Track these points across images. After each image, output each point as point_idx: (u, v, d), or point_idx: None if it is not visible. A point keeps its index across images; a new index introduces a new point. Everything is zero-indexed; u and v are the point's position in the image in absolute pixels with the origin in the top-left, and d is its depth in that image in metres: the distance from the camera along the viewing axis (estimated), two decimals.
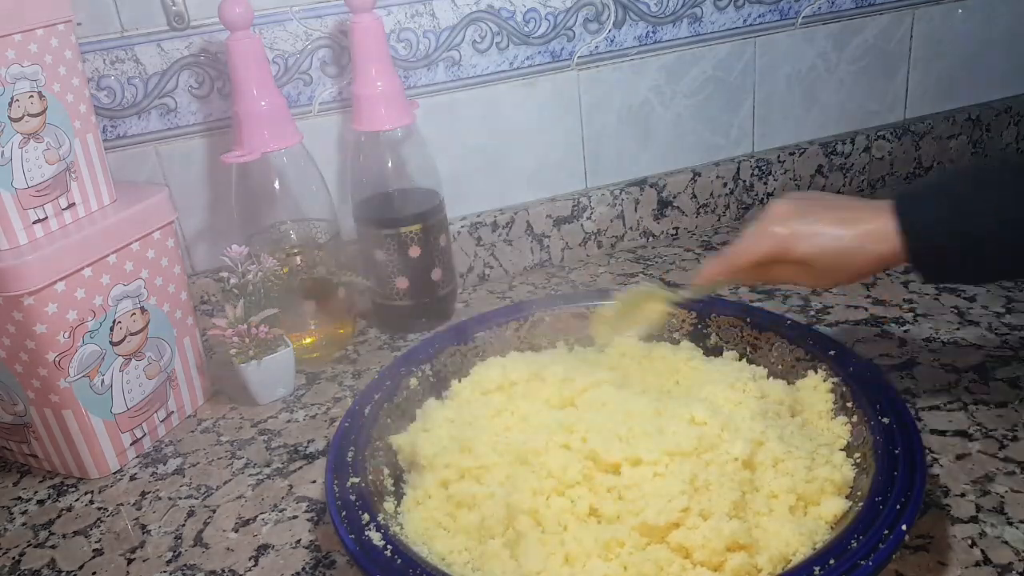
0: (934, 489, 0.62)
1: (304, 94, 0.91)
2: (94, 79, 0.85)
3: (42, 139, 0.69)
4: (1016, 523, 0.58)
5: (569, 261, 1.07)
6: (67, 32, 0.70)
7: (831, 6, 1.07)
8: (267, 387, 0.82)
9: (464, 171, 1.00)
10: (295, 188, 0.86)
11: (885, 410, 0.61)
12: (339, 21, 0.90)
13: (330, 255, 0.87)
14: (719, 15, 1.03)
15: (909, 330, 0.83)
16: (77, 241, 0.69)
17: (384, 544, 0.54)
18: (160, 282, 0.77)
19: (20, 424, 0.74)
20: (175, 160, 0.90)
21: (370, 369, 0.86)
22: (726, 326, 0.76)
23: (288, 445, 0.76)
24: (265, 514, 0.67)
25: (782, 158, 1.11)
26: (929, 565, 0.55)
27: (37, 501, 0.73)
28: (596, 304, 0.80)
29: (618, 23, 1.00)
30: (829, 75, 1.11)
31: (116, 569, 0.64)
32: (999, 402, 0.71)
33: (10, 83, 0.66)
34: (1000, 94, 1.21)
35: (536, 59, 0.98)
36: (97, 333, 0.71)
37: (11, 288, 0.65)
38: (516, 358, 0.72)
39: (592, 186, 1.06)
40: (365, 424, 0.66)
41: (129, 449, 0.76)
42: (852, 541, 0.50)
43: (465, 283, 1.03)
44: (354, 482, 0.60)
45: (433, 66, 0.94)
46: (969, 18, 1.15)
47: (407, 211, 0.88)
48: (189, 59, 0.87)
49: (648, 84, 1.03)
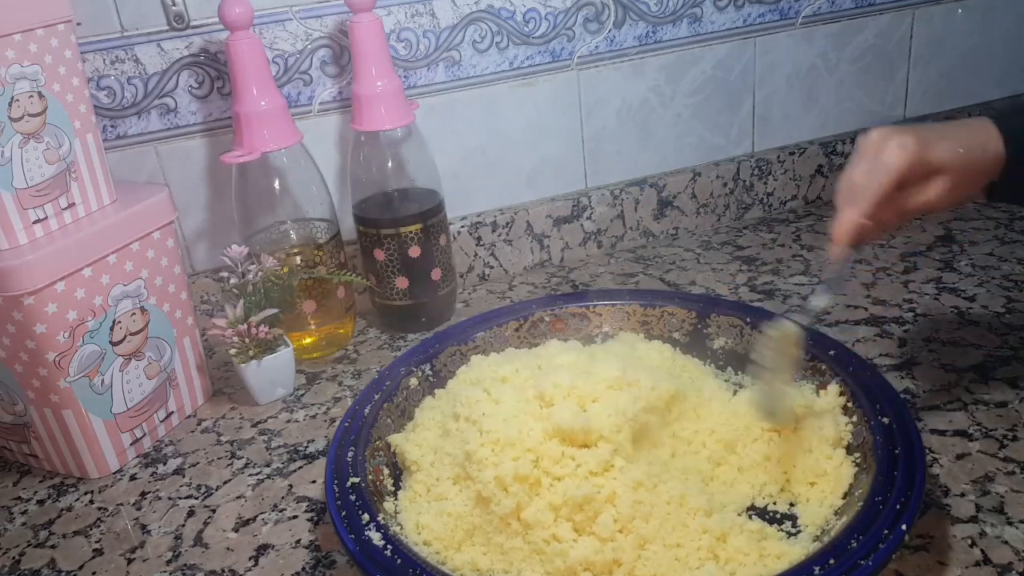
0: (934, 489, 0.62)
1: (304, 94, 0.91)
2: (94, 79, 0.84)
3: (42, 139, 0.69)
4: (1016, 523, 0.58)
5: (569, 261, 1.07)
6: (67, 32, 0.70)
7: (831, 6, 1.07)
8: (267, 387, 0.82)
9: (464, 171, 1.00)
10: (295, 188, 0.86)
11: (885, 410, 0.61)
12: (339, 21, 0.90)
13: (330, 255, 0.87)
14: (719, 15, 1.03)
15: (909, 330, 0.83)
16: (77, 241, 0.69)
17: (384, 544, 0.54)
18: (160, 282, 0.77)
19: (20, 424, 0.74)
20: (175, 160, 0.90)
21: (370, 369, 0.86)
22: (726, 326, 0.77)
23: (288, 445, 0.76)
24: (265, 514, 0.67)
25: (782, 158, 1.11)
26: (929, 565, 0.55)
27: (37, 501, 0.73)
28: (595, 304, 0.80)
29: (618, 23, 1.00)
30: (829, 75, 1.11)
31: (116, 569, 0.64)
32: (999, 402, 0.71)
33: (10, 83, 0.66)
34: (1000, 94, 1.21)
35: (536, 59, 0.98)
36: (97, 333, 0.71)
37: (11, 288, 0.65)
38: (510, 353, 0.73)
39: (592, 186, 1.06)
40: (365, 424, 0.66)
41: (129, 449, 0.76)
42: (852, 541, 0.50)
43: (465, 283, 1.03)
44: (354, 482, 0.60)
45: (433, 66, 0.94)
46: (969, 18, 1.15)
47: (407, 211, 0.88)
48: (189, 59, 0.87)
49: (648, 84, 1.03)
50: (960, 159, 0.57)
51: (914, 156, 0.56)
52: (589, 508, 0.55)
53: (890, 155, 0.56)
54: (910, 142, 0.56)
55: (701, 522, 0.56)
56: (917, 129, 0.57)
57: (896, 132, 0.57)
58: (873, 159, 0.57)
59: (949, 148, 0.57)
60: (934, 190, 0.57)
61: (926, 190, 0.58)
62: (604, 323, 0.81)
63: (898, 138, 0.56)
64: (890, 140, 0.57)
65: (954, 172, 0.57)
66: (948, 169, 0.57)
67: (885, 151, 0.57)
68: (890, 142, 0.56)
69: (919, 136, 0.56)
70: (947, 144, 0.57)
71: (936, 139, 0.57)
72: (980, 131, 0.58)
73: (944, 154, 0.56)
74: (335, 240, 0.88)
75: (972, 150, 0.57)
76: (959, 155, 0.57)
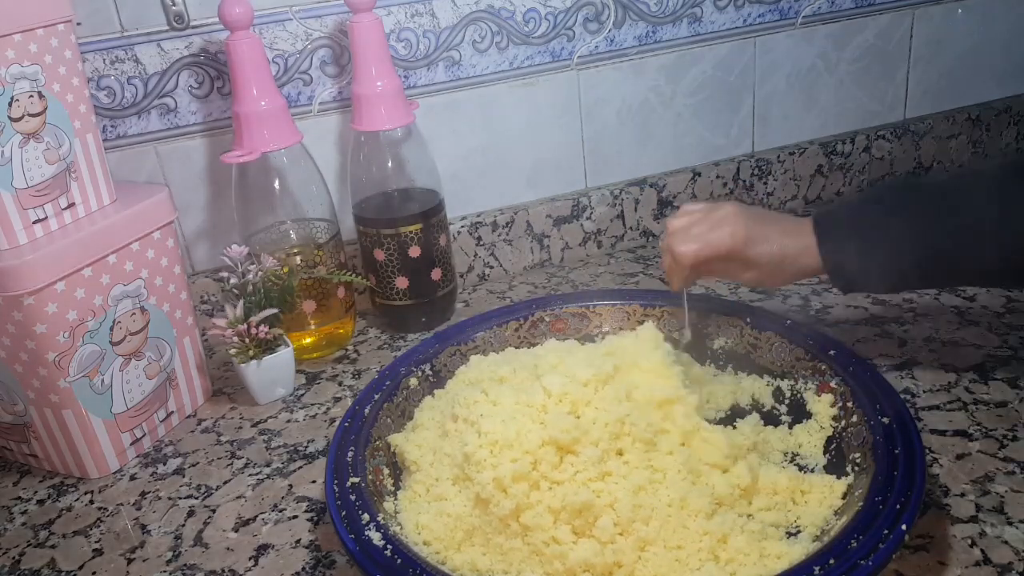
0: (934, 489, 0.62)
1: (304, 94, 0.91)
2: (94, 79, 0.84)
3: (42, 139, 0.69)
4: (1016, 523, 0.58)
5: (569, 261, 1.07)
6: (67, 32, 0.70)
7: (831, 6, 1.07)
8: (267, 387, 0.82)
9: (464, 171, 1.00)
10: (295, 188, 0.86)
11: (885, 410, 0.61)
12: (339, 21, 0.90)
13: (330, 255, 0.87)
14: (719, 15, 1.03)
15: (909, 330, 0.83)
16: (77, 241, 0.69)
17: (384, 544, 0.54)
18: (160, 282, 0.77)
19: (20, 424, 0.74)
20: (175, 160, 0.90)
21: (370, 369, 0.86)
22: (726, 326, 0.77)
23: (288, 445, 0.76)
24: (265, 514, 0.67)
25: (782, 158, 1.11)
26: (929, 565, 0.55)
27: (37, 501, 0.73)
28: (595, 304, 0.80)
29: (618, 23, 1.00)
30: (829, 75, 1.11)
31: (116, 569, 0.64)
32: (999, 402, 0.70)
33: (10, 83, 0.66)
34: (1000, 94, 1.21)
35: (536, 59, 0.98)
36: (97, 333, 0.71)
37: (11, 288, 0.65)
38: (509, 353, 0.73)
39: (592, 186, 1.06)
40: (365, 424, 0.66)
41: (129, 449, 0.76)
42: (852, 541, 0.50)
43: (465, 283, 1.03)
44: (354, 482, 0.60)
45: (433, 66, 0.94)
46: (969, 18, 1.15)
47: (407, 211, 0.88)
48: (189, 59, 0.87)
49: (648, 84, 1.03)
50: (774, 263, 0.67)
51: (736, 249, 0.66)
52: (588, 513, 0.55)
53: (722, 236, 0.66)
54: (740, 237, 0.66)
55: (702, 524, 0.56)
56: (753, 223, 0.67)
57: (739, 218, 0.67)
58: (709, 228, 0.67)
59: (768, 253, 0.67)
60: (744, 277, 0.69)
61: (738, 273, 0.69)
62: (604, 323, 0.81)
63: (735, 226, 0.66)
64: (728, 223, 0.67)
65: (763, 271, 0.68)
66: (760, 267, 0.67)
67: (720, 229, 0.67)
68: (727, 226, 0.66)
69: (750, 232, 0.66)
70: (767, 249, 0.66)
71: (761, 239, 0.66)
72: (800, 242, 0.66)
73: (761, 255, 0.67)
74: (335, 240, 0.88)
75: (785, 260, 0.67)
76: (774, 260, 0.67)
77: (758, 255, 0.66)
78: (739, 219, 0.67)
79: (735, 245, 0.66)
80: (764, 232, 0.67)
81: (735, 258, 0.67)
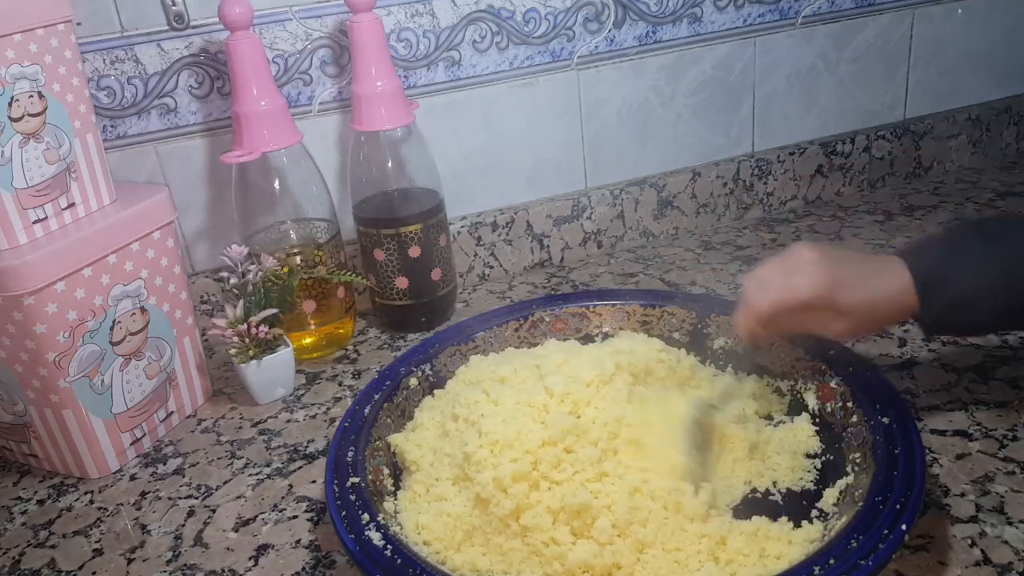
0: (934, 489, 0.62)
1: (304, 94, 0.91)
2: (94, 79, 0.84)
3: (42, 139, 0.69)
4: (1016, 523, 0.58)
5: (569, 261, 1.07)
6: (67, 32, 0.70)
7: (831, 6, 1.07)
8: (267, 387, 0.82)
9: (464, 171, 1.00)
10: (295, 188, 0.86)
11: (885, 410, 0.61)
12: (339, 21, 0.90)
13: (330, 255, 0.87)
14: (719, 15, 1.03)
15: (909, 330, 0.83)
16: (77, 241, 0.69)
17: (384, 544, 0.54)
18: (160, 282, 0.77)
19: (20, 424, 0.74)
20: (175, 160, 0.90)
21: (370, 369, 0.86)
22: (726, 326, 0.77)
23: (288, 445, 0.76)
24: (265, 514, 0.67)
25: (782, 158, 1.11)
26: (929, 565, 0.55)
27: (37, 501, 0.73)
28: (595, 304, 0.80)
29: (618, 23, 1.00)
30: (829, 75, 1.11)
31: (116, 569, 0.64)
32: (999, 402, 0.70)
33: (10, 83, 0.66)
34: (1000, 94, 1.21)
35: (536, 59, 0.98)
36: (97, 333, 0.71)
37: (11, 288, 0.65)
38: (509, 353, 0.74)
39: (592, 186, 1.06)
40: (365, 424, 0.66)
41: (129, 449, 0.76)
42: (852, 541, 0.50)
43: (465, 283, 1.03)
44: (354, 482, 0.60)
45: (433, 66, 0.94)
46: (969, 18, 1.15)
47: (407, 211, 0.88)
48: (189, 59, 0.87)
49: (648, 84, 1.03)
50: (867, 309, 0.59)
51: (822, 297, 0.58)
52: (586, 514, 0.55)
53: (801, 283, 0.58)
54: (824, 283, 0.58)
55: (699, 527, 0.56)
56: (836, 266, 0.59)
57: (819, 262, 0.59)
58: (786, 275, 0.59)
59: (859, 298, 0.58)
60: (834, 328, 0.60)
61: (826, 324, 0.60)
62: (604, 323, 0.81)
63: (817, 270, 0.58)
64: (808, 269, 0.59)
65: (857, 319, 0.59)
66: (853, 315, 0.59)
67: (800, 275, 0.59)
68: (807, 271, 0.59)
69: (835, 277, 0.58)
70: (858, 294, 0.58)
71: (850, 284, 0.58)
72: (893, 282, 0.59)
73: (853, 302, 0.58)
74: (335, 240, 0.88)
75: (878, 304, 0.59)
76: (866, 305, 0.59)
77: (850, 303, 0.58)
78: (819, 262, 0.59)
79: (817, 292, 0.58)
80: (851, 274, 0.59)
81: (821, 307, 0.59)
